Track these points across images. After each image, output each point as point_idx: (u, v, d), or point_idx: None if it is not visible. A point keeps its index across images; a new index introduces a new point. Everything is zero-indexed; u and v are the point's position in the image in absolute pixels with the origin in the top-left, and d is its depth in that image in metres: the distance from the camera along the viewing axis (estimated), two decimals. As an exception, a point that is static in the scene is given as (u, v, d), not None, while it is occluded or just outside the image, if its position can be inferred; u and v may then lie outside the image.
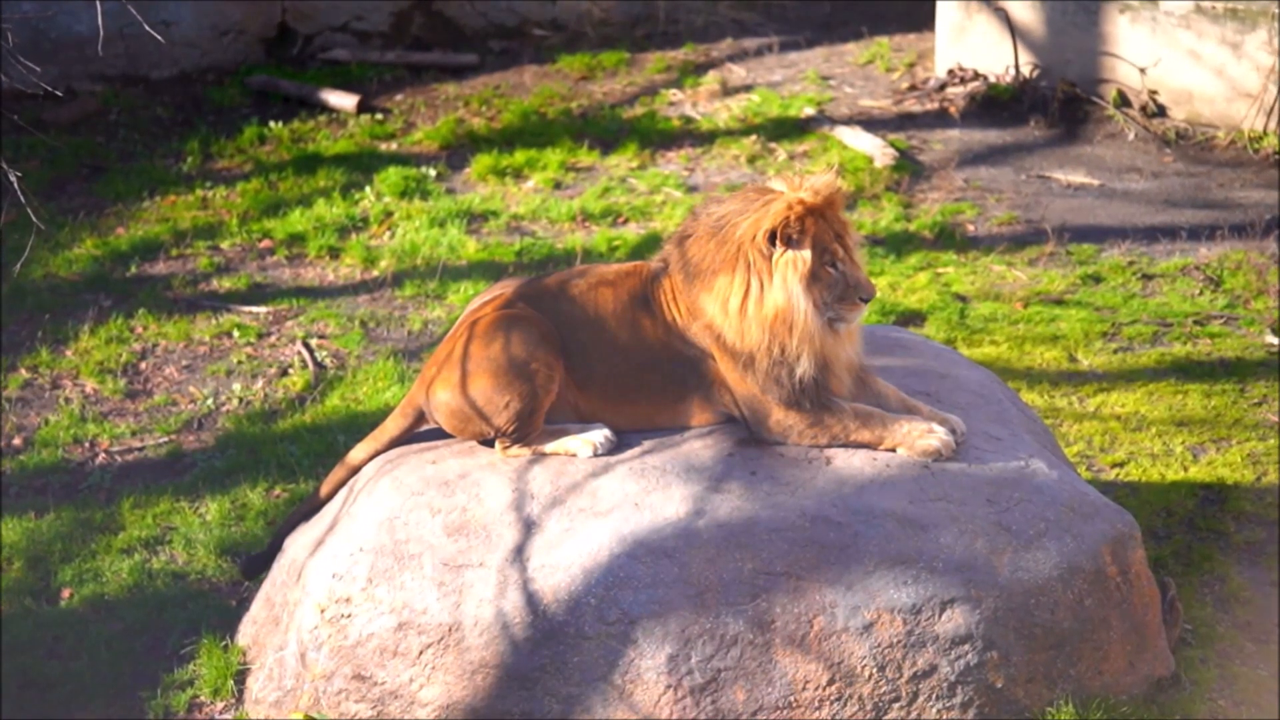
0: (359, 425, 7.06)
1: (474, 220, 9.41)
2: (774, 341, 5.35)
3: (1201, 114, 10.30)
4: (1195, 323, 8.14)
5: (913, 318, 8.20)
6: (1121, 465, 6.93)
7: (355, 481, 5.77)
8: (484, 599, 5.29)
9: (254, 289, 8.72)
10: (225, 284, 8.77)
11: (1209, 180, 9.83)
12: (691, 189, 9.77)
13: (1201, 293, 8.47)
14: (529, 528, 5.36)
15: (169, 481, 7.05)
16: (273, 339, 8.24)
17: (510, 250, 9.00)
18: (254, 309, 8.49)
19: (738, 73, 11.34)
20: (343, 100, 10.83)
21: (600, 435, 5.53)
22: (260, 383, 7.83)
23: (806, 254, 5.31)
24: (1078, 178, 9.91)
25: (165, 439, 7.39)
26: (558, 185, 9.88)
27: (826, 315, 5.36)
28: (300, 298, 8.58)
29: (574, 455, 5.52)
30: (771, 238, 5.29)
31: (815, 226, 5.30)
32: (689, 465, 5.43)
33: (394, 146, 10.42)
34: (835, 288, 5.34)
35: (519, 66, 11.50)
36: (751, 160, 10.11)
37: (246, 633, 5.86)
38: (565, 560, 5.29)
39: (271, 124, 10.58)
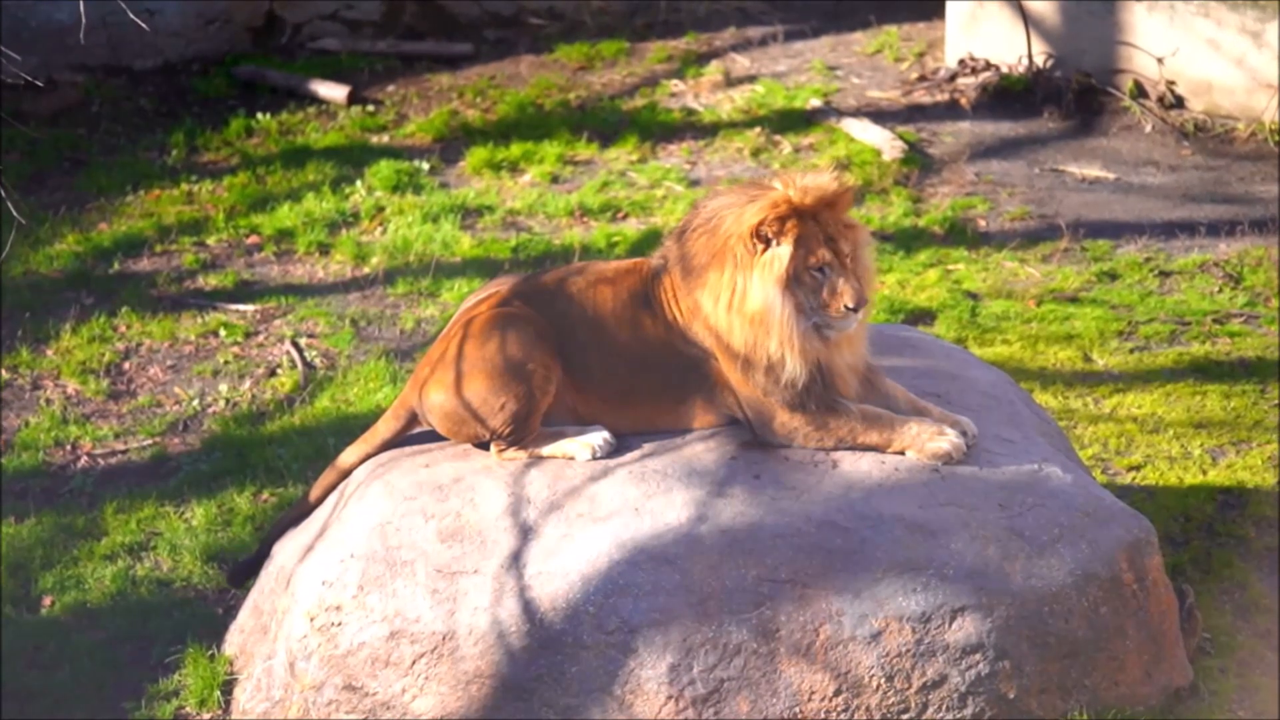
0: (350, 427, 7.06)
1: (468, 215, 9.41)
2: (756, 343, 5.35)
3: (1221, 105, 10.30)
4: (1214, 321, 8.14)
5: (922, 316, 8.21)
6: (1138, 468, 6.93)
7: (346, 486, 5.78)
8: (479, 607, 5.30)
9: (241, 286, 8.72)
10: (211, 281, 8.78)
11: (1228, 174, 9.84)
12: (693, 183, 9.78)
13: (1221, 290, 8.48)
14: (526, 534, 5.37)
15: (153, 485, 7.05)
16: (260, 338, 8.25)
17: (506, 246, 9.01)
18: (241, 307, 8.50)
19: (741, 63, 11.34)
20: (333, 91, 10.84)
21: (599, 438, 5.53)
22: (248, 383, 7.84)
23: (785, 254, 5.29)
24: (1093, 171, 9.92)
25: (149, 441, 7.40)
26: (555, 179, 9.88)
27: (812, 320, 5.33)
28: (289, 295, 8.59)
29: (572, 458, 5.53)
30: (755, 234, 5.29)
31: (799, 227, 5.28)
32: (691, 469, 5.44)
33: (386, 139, 10.42)
34: (820, 293, 5.31)
35: (515, 56, 11.50)
36: (755, 153, 10.11)
37: (234, 642, 5.87)
38: (563, 567, 5.30)
39: (259, 116, 10.58)
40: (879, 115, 10.53)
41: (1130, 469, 6.93)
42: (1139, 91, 10.47)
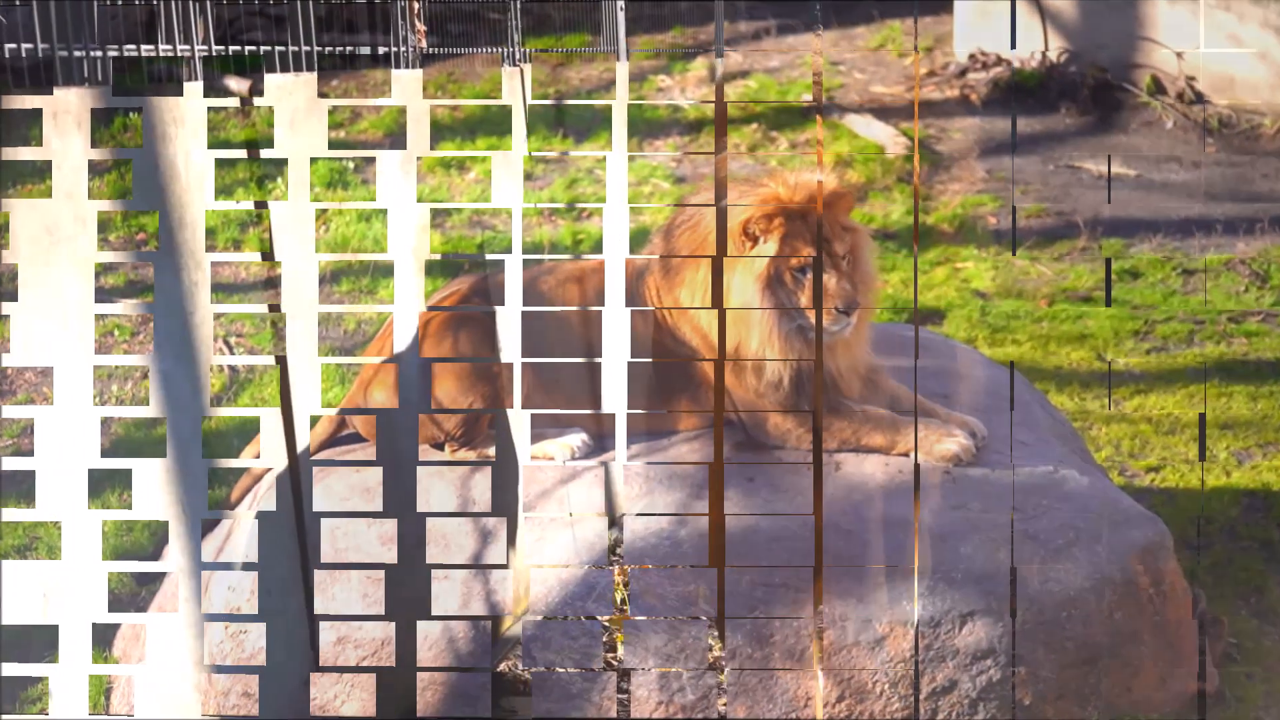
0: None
1: (432, 215, 9.37)
2: (739, 343, 5.39)
3: (1244, 101, 10.33)
4: (1229, 320, 8.18)
5: (930, 316, 8.21)
6: (1157, 470, 6.96)
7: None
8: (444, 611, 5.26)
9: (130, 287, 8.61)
10: (109, 281, 8.67)
11: (1252, 170, 9.88)
12: (679, 180, 9.77)
13: (1246, 289, 8.49)
14: (485, 538, 5.33)
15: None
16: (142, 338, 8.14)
17: (471, 244, 8.97)
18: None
19: (733, 58, 11.36)
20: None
21: (576, 439, 5.53)
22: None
23: (769, 252, 5.33)
24: (1112, 168, 9.93)
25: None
26: (527, 176, 9.85)
27: (797, 322, 5.36)
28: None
29: (552, 459, 5.50)
30: (743, 231, 5.35)
31: (786, 226, 5.33)
32: (674, 471, 5.45)
33: (341, 134, 10.37)
34: (805, 294, 5.32)
35: (480, 50, 11.49)
36: (750, 150, 10.11)
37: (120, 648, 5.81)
38: (539, 572, 5.27)
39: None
40: (884, 111, 10.56)
41: (1148, 470, 6.94)
42: (1157, 87, 10.49)
